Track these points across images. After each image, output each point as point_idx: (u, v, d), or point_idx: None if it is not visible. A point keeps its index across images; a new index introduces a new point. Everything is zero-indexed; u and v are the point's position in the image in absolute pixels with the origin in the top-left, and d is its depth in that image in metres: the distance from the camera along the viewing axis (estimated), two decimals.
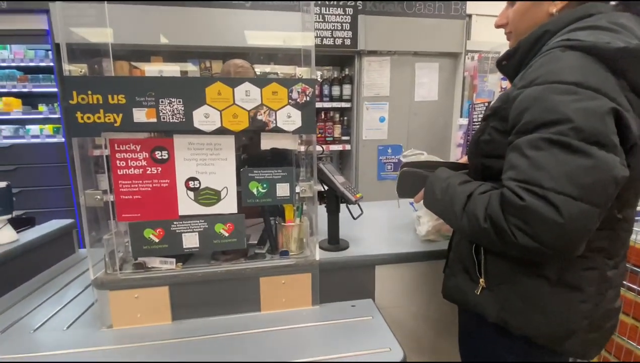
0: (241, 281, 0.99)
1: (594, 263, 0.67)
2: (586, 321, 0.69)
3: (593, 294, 0.68)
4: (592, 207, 0.54)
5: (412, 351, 1.20)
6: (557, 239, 0.55)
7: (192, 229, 0.94)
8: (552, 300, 0.68)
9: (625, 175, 0.55)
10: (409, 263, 1.11)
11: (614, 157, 0.54)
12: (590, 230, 0.56)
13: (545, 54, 0.63)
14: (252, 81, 0.88)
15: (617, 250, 0.70)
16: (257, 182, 0.94)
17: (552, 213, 0.54)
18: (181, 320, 0.99)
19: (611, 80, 0.57)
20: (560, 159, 0.55)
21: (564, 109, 0.55)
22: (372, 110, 2.77)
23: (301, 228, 1.03)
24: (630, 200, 0.68)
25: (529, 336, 0.70)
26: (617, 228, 0.68)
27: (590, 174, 0.54)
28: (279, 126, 0.89)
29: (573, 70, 0.57)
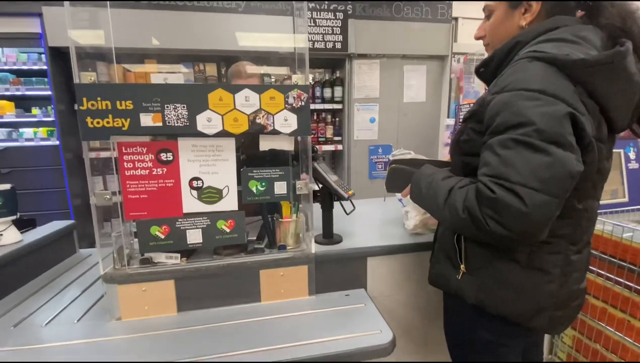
0: (242, 274, 1.06)
1: (559, 248, 0.76)
2: (552, 300, 0.77)
3: (558, 276, 0.76)
4: (552, 198, 0.62)
5: (401, 336, 1.29)
6: (522, 226, 0.63)
7: (196, 226, 1.00)
8: (523, 281, 0.76)
9: (579, 170, 0.64)
10: (398, 254, 1.20)
11: (569, 154, 0.62)
12: (550, 217, 0.64)
13: (515, 63, 0.72)
14: (251, 87, 0.95)
15: (580, 237, 0.78)
16: (256, 181, 1.01)
17: (518, 204, 0.62)
18: (186, 312, 1.05)
19: (569, 87, 0.65)
20: (525, 156, 0.63)
21: (529, 113, 0.63)
22: (362, 111, 2.86)
23: (298, 223, 1.10)
24: (589, 191, 0.76)
25: (502, 314, 0.78)
26: (578, 217, 0.76)
27: (550, 169, 0.62)
28: (276, 129, 0.97)
29: (537, 79, 0.65)
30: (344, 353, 0.86)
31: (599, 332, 1.22)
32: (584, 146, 0.66)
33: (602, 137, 0.71)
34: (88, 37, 1.01)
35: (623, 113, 0.72)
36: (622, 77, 0.66)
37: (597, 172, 0.74)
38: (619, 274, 1.15)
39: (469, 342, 0.89)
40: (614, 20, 0.71)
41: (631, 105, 0.72)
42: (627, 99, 0.70)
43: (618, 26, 0.70)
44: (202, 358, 0.84)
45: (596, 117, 0.68)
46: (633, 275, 1.10)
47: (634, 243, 1.10)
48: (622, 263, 1.13)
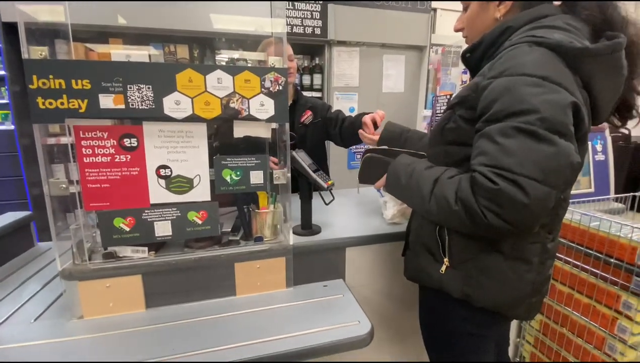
0: (216, 267, 1.01)
1: (538, 238, 0.76)
2: (530, 287, 0.78)
3: (537, 264, 0.77)
4: (552, 189, 0.60)
5: (378, 324, 1.29)
6: (522, 218, 0.61)
7: (165, 217, 0.94)
8: (506, 272, 0.75)
9: (579, 161, 0.63)
10: (376, 244, 1.19)
11: (571, 145, 0.61)
12: (549, 209, 0.62)
13: (514, 47, 0.67)
14: (224, 69, 0.88)
15: (556, 225, 0.80)
16: (231, 169, 0.95)
17: (520, 196, 0.59)
18: (156, 308, 0.99)
19: (569, 75, 0.63)
20: (527, 146, 0.59)
21: (532, 100, 0.60)
22: (342, 100, 2.82)
23: (275, 214, 1.06)
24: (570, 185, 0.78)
25: (486, 306, 0.78)
26: (558, 207, 0.77)
27: (553, 160, 0.59)
28: (252, 114, 0.91)
29: (539, 65, 0.62)
30: (322, 347, 0.84)
31: (566, 316, 1.28)
32: (579, 137, 0.66)
33: (588, 129, 0.72)
34: (44, 12, 0.90)
35: (608, 106, 0.72)
36: (616, 71, 0.66)
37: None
38: (585, 262, 1.20)
39: (450, 335, 0.89)
40: (593, 9, 0.70)
41: (615, 99, 0.72)
42: (614, 93, 0.71)
43: (599, 16, 0.69)
44: (173, 356, 0.79)
45: (587, 109, 0.68)
46: (599, 263, 1.15)
47: (601, 232, 1.15)
48: (589, 251, 1.18)
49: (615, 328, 1.09)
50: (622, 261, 1.08)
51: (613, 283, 1.11)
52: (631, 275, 1.05)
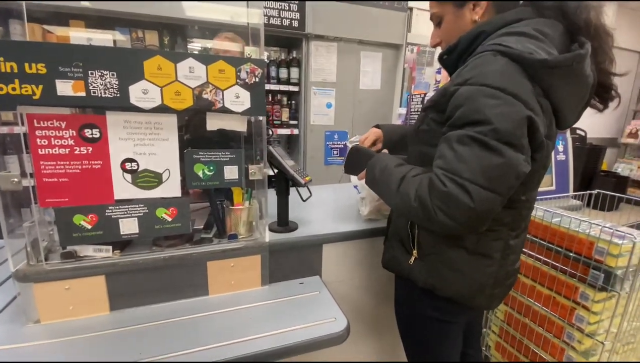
0: (187, 266, 0.96)
1: (501, 235, 0.80)
2: (492, 280, 0.82)
3: (498, 259, 0.82)
4: (497, 195, 0.65)
5: (355, 320, 1.30)
6: (467, 219, 0.66)
7: (131, 214, 0.88)
8: (468, 266, 0.80)
9: (526, 171, 0.66)
10: (352, 240, 1.19)
11: (519, 156, 0.64)
12: (493, 212, 0.67)
13: (479, 56, 0.70)
14: (196, 57, 0.84)
15: (519, 224, 0.83)
16: (203, 164, 0.91)
17: (466, 199, 0.64)
18: (121, 310, 0.93)
19: (528, 86, 0.65)
20: (478, 154, 0.64)
21: (487, 111, 0.64)
22: (319, 95, 2.80)
23: (250, 211, 1.03)
24: (534, 184, 0.81)
25: (448, 296, 0.83)
26: (520, 207, 0.80)
27: (499, 169, 0.64)
28: (226, 106, 0.87)
29: (499, 76, 0.65)
30: (298, 345, 0.83)
31: (528, 307, 1.35)
32: (535, 146, 0.68)
33: (552, 134, 0.74)
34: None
35: (573, 112, 0.75)
36: (578, 80, 0.68)
37: (542, 168, 0.78)
38: (547, 255, 1.27)
39: (418, 321, 0.93)
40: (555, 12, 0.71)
41: (581, 104, 0.75)
42: (579, 99, 0.73)
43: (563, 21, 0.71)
44: (140, 361, 0.75)
45: (549, 116, 0.70)
46: (559, 256, 1.22)
47: (561, 227, 1.22)
48: (550, 246, 1.25)
49: (573, 317, 1.17)
50: (580, 255, 1.15)
51: (572, 275, 1.18)
52: (588, 268, 1.13)
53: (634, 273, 1.06)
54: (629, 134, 5.09)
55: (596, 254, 1.11)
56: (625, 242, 1.05)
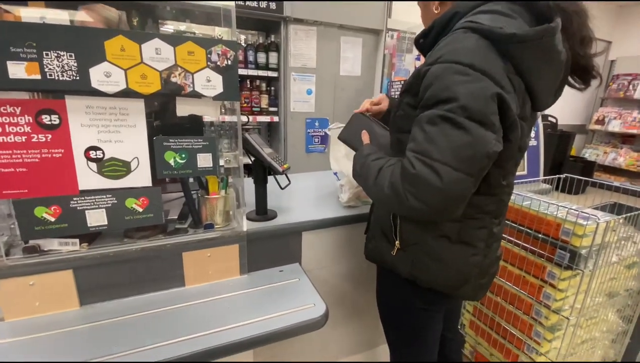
0: (161, 258, 0.93)
1: (484, 223, 0.79)
2: (477, 270, 0.81)
3: (483, 248, 0.80)
4: (467, 176, 0.63)
5: (335, 305, 1.32)
6: (438, 201, 0.64)
7: (98, 205, 0.84)
8: (451, 255, 0.78)
9: (497, 150, 0.63)
10: (332, 227, 1.19)
11: (490, 134, 0.62)
12: (465, 195, 0.65)
13: (452, 33, 0.69)
14: (163, 38, 0.79)
15: (502, 211, 0.82)
16: (174, 151, 0.87)
17: (435, 180, 0.62)
18: (92, 305, 0.90)
19: (499, 63, 0.63)
20: (447, 134, 0.62)
21: (455, 88, 0.62)
22: (299, 81, 2.75)
23: (227, 200, 1.01)
24: (512, 169, 0.79)
25: (432, 286, 0.82)
26: (502, 193, 0.80)
27: (469, 148, 0.62)
28: (197, 91, 0.83)
29: (469, 52, 0.63)
30: (277, 332, 0.83)
31: (500, 286, 1.41)
32: (508, 125, 0.66)
33: (526, 115, 0.72)
34: None
35: (547, 91, 0.72)
36: (549, 55, 0.66)
37: (519, 150, 0.76)
38: (518, 237, 1.33)
39: (401, 309, 0.94)
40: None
41: (555, 84, 0.73)
42: (553, 78, 0.71)
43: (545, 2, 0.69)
44: (110, 356, 0.73)
45: (521, 95, 0.68)
46: (529, 238, 1.27)
47: (531, 210, 1.27)
48: (521, 228, 1.31)
49: (541, 295, 1.23)
50: (548, 236, 1.21)
51: (540, 255, 1.24)
52: (555, 248, 1.18)
53: (597, 252, 1.12)
54: (596, 120, 5.34)
55: (562, 235, 1.16)
56: (590, 223, 1.10)
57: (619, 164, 5.05)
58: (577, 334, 1.21)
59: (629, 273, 1.31)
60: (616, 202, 1.62)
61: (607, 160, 5.16)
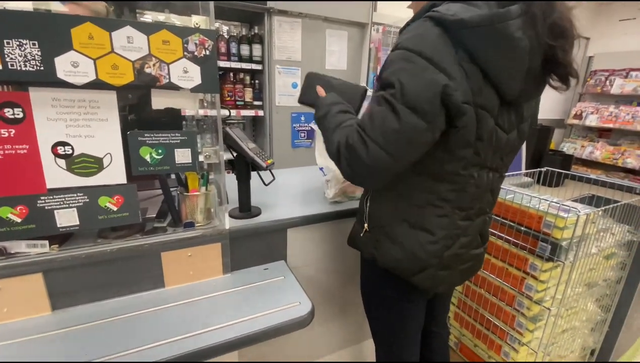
0: (138, 258, 0.89)
1: (444, 212, 0.78)
2: (436, 260, 0.81)
3: (443, 238, 0.79)
4: (389, 156, 0.68)
5: (321, 302, 1.31)
6: (361, 172, 0.72)
7: (68, 204, 0.79)
8: (409, 240, 0.80)
9: (423, 139, 0.67)
10: (318, 224, 1.17)
11: (422, 123, 0.65)
12: (385, 171, 0.70)
13: (416, 22, 0.70)
14: (135, 25, 0.74)
15: (468, 204, 0.79)
16: (150, 147, 0.82)
17: (363, 153, 0.68)
18: (65, 309, 0.85)
19: (449, 51, 0.64)
20: (384, 115, 0.67)
21: (400, 75, 0.65)
22: (284, 74, 2.70)
23: (208, 197, 0.97)
24: (472, 159, 0.74)
25: (389, 268, 0.84)
26: (463, 183, 0.76)
27: (397, 133, 0.66)
28: (173, 82, 0.79)
29: (419, 40, 0.65)
30: (262, 332, 0.81)
31: (484, 279, 1.43)
32: (454, 112, 0.66)
33: (486, 103, 0.69)
34: None
35: (509, 80, 0.68)
36: (504, 42, 0.63)
37: (486, 140, 0.72)
38: (501, 230, 1.34)
39: (378, 299, 0.96)
40: None
41: (520, 72, 0.67)
42: (513, 65, 0.67)
43: None
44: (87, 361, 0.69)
45: (477, 83, 0.66)
46: (512, 231, 1.29)
47: (514, 203, 1.29)
48: (504, 221, 1.32)
49: (523, 287, 1.25)
50: (530, 228, 1.23)
51: (522, 248, 1.26)
52: (537, 240, 1.21)
53: (577, 244, 1.15)
54: (574, 115, 5.50)
55: (544, 227, 1.19)
56: (570, 215, 1.12)
57: (595, 157, 5.23)
58: (557, 324, 1.24)
59: (608, 263, 1.35)
60: (594, 195, 1.67)
61: (584, 153, 5.34)
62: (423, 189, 0.77)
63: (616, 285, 1.44)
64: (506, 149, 0.80)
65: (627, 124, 4.93)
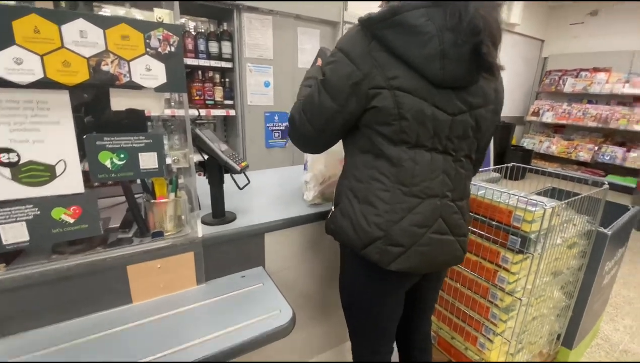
0: (100, 274, 0.81)
1: (386, 187, 0.82)
2: (381, 232, 0.82)
3: (387, 211, 0.82)
4: (311, 126, 0.86)
5: (302, 306, 1.28)
6: (294, 134, 0.92)
7: (16, 218, 0.70)
8: (357, 214, 0.86)
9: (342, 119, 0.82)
10: (296, 227, 1.14)
11: (334, 105, 0.81)
12: (313, 140, 0.90)
13: None
14: (89, 18, 0.67)
15: (410, 180, 0.81)
16: (111, 151, 0.75)
17: (297, 120, 0.89)
18: (16, 335, 0.76)
19: (363, 44, 0.76)
20: (312, 94, 0.85)
21: (327, 66, 0.81)
22: (256, 73, 2.62)
23: (177, 204, 0.91)
24: (396, 136, 0.79)
25: (343, 242, 0.91)
26: (397, 159, 0.80)
27: (317, 109, 0.84)
28: (134, 81, 0.72)
29: (344, 39, 0.80)
30: (241, 345, 0.77)
31: (459, 273, 1.47)
32: (371, 95, 0.78)
33: (405, 85, 0.76)
34: None
35: (426, 63, 0.74)
36: (410, 30, 0.73)
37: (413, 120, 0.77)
38: (474, 225, 1.38)
39: (353, 288, 1.00)
40: None
41: (433, 56, 0.73)
42: (423, 50, 0.73)
43: None
44: None
45: (392, 68, 0.75)
46: (484, 225, 1.33)
47: (485, 199, 1.33)
48: (477, 216, 1.36)
49: (496, 279, 1.30)
50: (501, 223, 1.27)
51: (494, 242, 1.30)
52: (508, 234, 1.25)
53: (545, 236, 1.20)
54: (532, 112, 5.85)
55: (514, 221, 1.23)
56: (537, 209, 1.18)
57: (552, 151, 5.60)
58: (528, 312, 1.30)
59: (570, 252, 1.43)
60: (555, 187, 1.77)
61: (542, 148, 5.69)
62: (366, 165, 0.85)
63: (578, 273, 1.53)
64: (455, 132, 0.83)
65: (579, 120, 5.32)
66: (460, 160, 0.88)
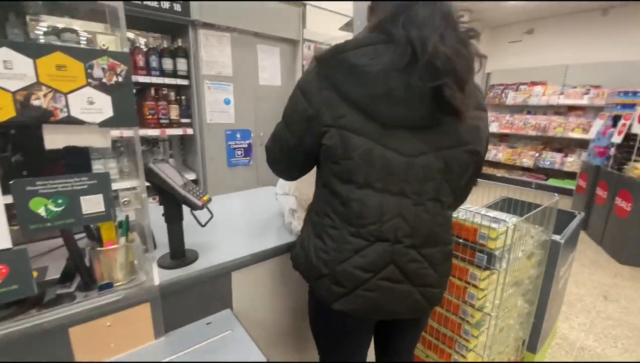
0: (35, 341, 0.68)
1: (335, 224, 0.81)
2: (327, 270, 0.81)
3: (333, 249, 0.80)
4: (273, 153, 0.93)
5: (276, 346, 1.20)
6: (270, 165, 0.97)
7: None
8: (310, 246, 0.86)
9: (297, 152, 0.85)
10: (267, 260, 1.07)
11: (290, 137, 0.84)
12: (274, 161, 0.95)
13: None
14: (15, 46, 0.57)
15: (358, 221, 0.77)
16: (45, 197, 0.64)
17: (268, 152, 0.95)
18: None
19: (315, 82, 0.76)
20: (278, 128, 0.89)
21: (289, 101, 0.83)
22: (214, 90, 2.52)
23: (129, 249, 0.80)
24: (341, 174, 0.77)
25: (300, 272, 0.92)
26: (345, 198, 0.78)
27: (278, 139, 0.89)
28: (73, 116, 0.62)
29: (303, 76, 0.81)
30: None
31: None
32: (322, 131, 0.77)
33: (350, 125, 0.73)
34: None
35: (372, 104, 0.72)
36: (350, 69, 0.71)
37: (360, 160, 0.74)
38: None
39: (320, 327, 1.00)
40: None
41: (379, 96, 0.70)
42: (367, 90, 0.70)
43: None
44: None
45: (338, 107, 0.74)
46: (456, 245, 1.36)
47: (459, 220, 1.35)
48: None
49: (466, 296, 1.32)
50: (468, 241, 1.31)
51: (463, 259, 1.33)
52: (475, 251, 1.28)
53: (508, 251, 1.25)
54: None
55: (480, 239, 1.27)
56: (500, 226, 1.22)
57: (499, 158, 6.06)
58: (497, 325, 1.33)
59: (529, 263, 1.51)
60: (506, 198, 1.88)
61: (490, 156, 6.13)
62: (323, 199, 0.85)
63: (537, 280, 1.62)
64: (412, 174, 0.76)
65: (521, 130, 5.83)
66: (422, 204, 0.78)
